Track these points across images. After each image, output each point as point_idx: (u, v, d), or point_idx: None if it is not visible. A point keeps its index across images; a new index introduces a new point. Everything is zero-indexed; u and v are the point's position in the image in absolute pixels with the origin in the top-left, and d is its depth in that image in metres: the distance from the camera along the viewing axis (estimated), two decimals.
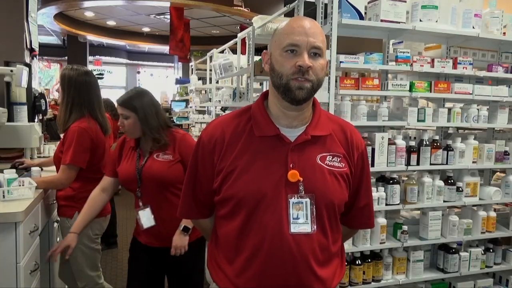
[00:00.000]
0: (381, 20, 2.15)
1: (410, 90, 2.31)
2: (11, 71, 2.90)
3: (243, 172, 1.14)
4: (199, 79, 6.09)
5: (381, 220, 2.29)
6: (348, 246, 2.21)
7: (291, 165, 1.13)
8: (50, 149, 3.55)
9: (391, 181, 2.28)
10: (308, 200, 1.13)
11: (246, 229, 1.15)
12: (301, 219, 1.13)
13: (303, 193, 1.13)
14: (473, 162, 2.46)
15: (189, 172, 1.28)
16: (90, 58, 11.10)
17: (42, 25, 8.48)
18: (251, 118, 1.20)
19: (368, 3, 2.23)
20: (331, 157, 1.18)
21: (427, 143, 2.35)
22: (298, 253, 1.12)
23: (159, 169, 1.94)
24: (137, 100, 1.97)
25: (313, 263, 1.14)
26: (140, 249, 2.05)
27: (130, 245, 2.12)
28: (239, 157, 1.15)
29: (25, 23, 3.49)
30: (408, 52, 2.30)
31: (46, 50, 10.37)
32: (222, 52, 4.64)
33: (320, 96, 2.03)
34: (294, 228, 1.12)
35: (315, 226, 1.14)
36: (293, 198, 1.13)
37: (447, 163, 2.39)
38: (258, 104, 1.22)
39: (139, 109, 1.96)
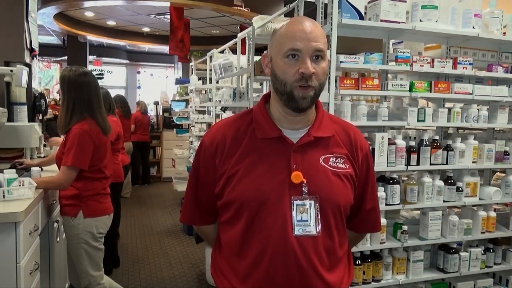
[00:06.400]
0: (381, 20, 2.14)
1: (410, 90, 2.31)
2: (11, 71, 2.90)
3: (245, 175, 1.12)
4: (199, 79, 6.09)
5: (381, 220, 2.28)
6: None
7: (294, 167, 1.12)
8: (51, 148, 3.55)
9: (391, 181, 2.28)
10: (312, 201, 1.11)
11: (249, 233, 1.12)
12: (305, 222, 1.10)
13: (307, 194, 1.11)
14: (473, 162, 2.46)
15: (192, 177, 1.26)
16: (90, 58, 11.05)
17: (42, 25, 8.45)
18: (252, 120, 1.18)
19: (368, 3, 2.23)
20: (335, 158, 1.17)
21: (427, 143, 2.35)
22: (303, 256, 1.09)
23: None
24: None
25: (319, 266, 1.11)
26: None
27: None
28: (241, 160, 1.13)
29: (25, 23, 3.48)
30: (408, 52, 2.30)
31: (46, 50, 10.33)
32: (222, 52, 4.64)
33: (320, 96, 2.02)
34: (298, 231, 1.09)
35: (320, 228, 1.11)
36: (297, 200, 1.10)
37: (447, 163, 2.39)
38: (259, 107, 1.21)
39: None
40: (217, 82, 4.86)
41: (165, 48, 9.90)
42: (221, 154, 1.16)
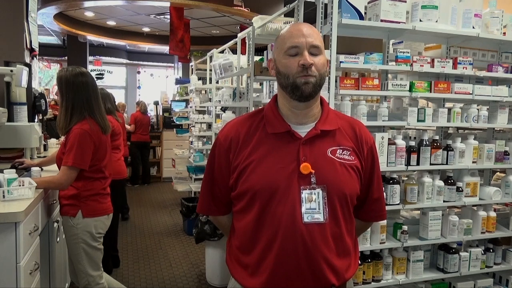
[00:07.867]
0: (381, 20, 2.14)
1: (410, 90, 2.31)
2: (11, 71, 2.90)
3: (257, 167, 1.20)
4: (199, 79, 6.10)
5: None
6: None
7: (303, 158, 1.19)
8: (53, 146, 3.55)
9: (391, 181, 2.28)
10: (320, 191, 1.19)
11: (261, 220, 1.21)
12: (313, 209, 1.18)
13: (315, 184, 1.19)
14: (473, 162, 2.46)
15: (207, 171, 1.36)
16: (90, 58, 11.05)
17: (42, 25, 8.45)
18: (263, 117, 1.28)
19: (368, 3, 2.23)
20: (341, 150, 1.25)
21: (427, 143, 2.35)
22: (311, 241, 1.17)
23: None
24: None
25: (326, 251, 1.19)
26: None
27: None
28: (253, 153, 1.22)
29: (25, 23, 3.48)
30: (408, 52, 2.30)
31: (46, 50, 10.34)
32: (222, 52, 4.65)
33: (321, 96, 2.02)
34: (307, 218, 1.17)
35: (327, 216, 1.19)
36: (305, 189, 1.18)
37: (447, 163, 2.39)
38: (270, 105, 1.30)
39: None
40: (217, 82, 4.86)
41: (165, 48, 9.91)
42: (235, 149, 1.25)
